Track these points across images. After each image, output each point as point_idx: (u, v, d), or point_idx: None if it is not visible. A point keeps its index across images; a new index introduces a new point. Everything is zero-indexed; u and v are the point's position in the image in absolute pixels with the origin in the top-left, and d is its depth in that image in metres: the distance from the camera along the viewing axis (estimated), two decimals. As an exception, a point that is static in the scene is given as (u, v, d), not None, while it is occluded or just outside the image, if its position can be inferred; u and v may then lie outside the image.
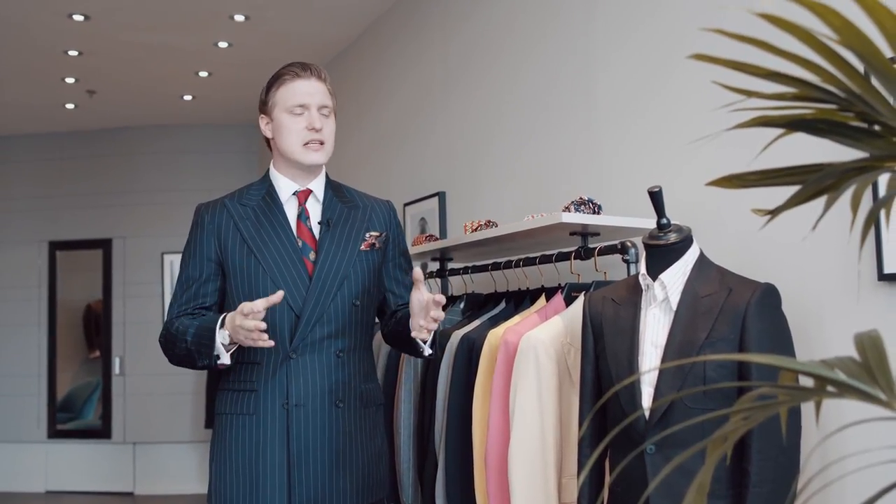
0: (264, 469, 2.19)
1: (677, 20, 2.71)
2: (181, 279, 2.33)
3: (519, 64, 3.63)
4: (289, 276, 2.23)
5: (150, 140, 7.80)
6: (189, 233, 2.37)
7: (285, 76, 2.35)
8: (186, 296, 2.30)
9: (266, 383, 2.22)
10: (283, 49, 5.76)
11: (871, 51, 0.70)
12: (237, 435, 2.23)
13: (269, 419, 2.21)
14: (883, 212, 0.72)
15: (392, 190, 4.86)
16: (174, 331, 2.24)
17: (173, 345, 2.25)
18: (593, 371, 2.11)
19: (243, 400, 2.24)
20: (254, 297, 2.17)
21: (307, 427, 2.20)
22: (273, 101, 2.34)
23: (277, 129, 2.33)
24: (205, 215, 2.34)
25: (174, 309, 2.30)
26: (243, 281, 2.26)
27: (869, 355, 0.72)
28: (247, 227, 2.29)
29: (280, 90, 2.33)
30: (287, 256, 2.25)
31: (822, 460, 2.07)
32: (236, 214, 2.31)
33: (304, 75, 2.33)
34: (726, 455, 0.96)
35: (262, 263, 2.24)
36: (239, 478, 2.21)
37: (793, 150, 1.35)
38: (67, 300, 7.87)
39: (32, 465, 7.61)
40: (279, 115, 2.32)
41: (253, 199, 2.35)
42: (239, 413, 2.23)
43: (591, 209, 2.54)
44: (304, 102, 2.30)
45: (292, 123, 2.30)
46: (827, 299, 2.15)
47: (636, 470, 1.89)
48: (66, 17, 5.00)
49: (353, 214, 2.37)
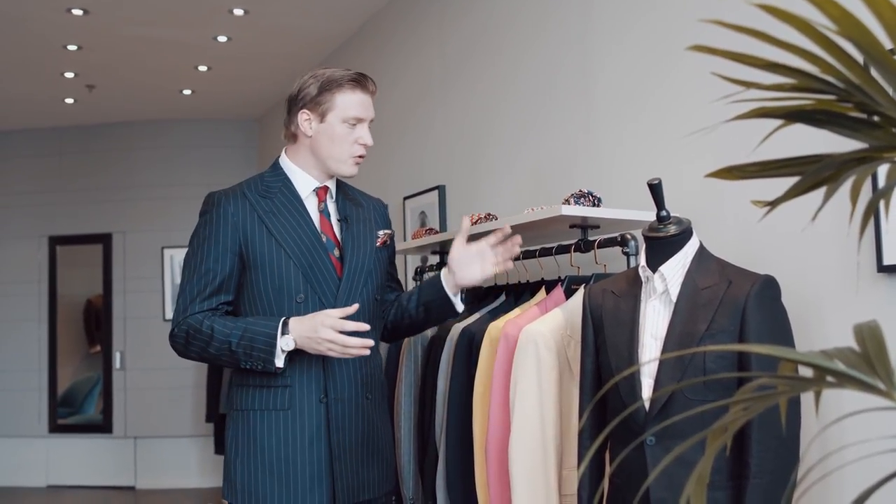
0: (304, 463, 2.20)
1: (676, 12, 2.70)
2: (199, 271, 2.24)
3: (518, 56, 3.63)
4: (318, 272, 2.25)
5: (150, 135, 7.79)
6: (202, 222, 2.29)
7: (345, 84, 2.27)
8: (210, 289, 2.23)
9: (301, 378, 2.23)
10: (282, 43, 5.76)
11: (869, 41, 0.70)
12: (269, 430, 2.21)
13: (306, 414, 2.22)
14: (882, 203, 0.72)
15: (392, 183, 4.86)
16: (207, 330, 2.18)
17: (206, 343, 2.19)
18: (593, 363, 2.11)
19: (275, 395, 2.23)
20: (284, 292, 2.22)
21: (345, 420, 2.25)
22: (329, 105, 2.26)
23: (326, 134, 2.28)
24: (225, 206, 2.26)
25: (195, 305, 2.22)
26: (272, 275, 2.23)
27: (868, 346, 0.73)
28: (272, 221, 2.26)
29: (338, 97, 2.26)
30: (315, 252, 2.26)
31: (822, 450, 2.07)
32: (259, 207, 2.27)
33: (364, 87, 2.30)
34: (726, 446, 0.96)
35: (292, 258, 2.24)
36: (273, 473, 2.20)
37: (792, 141, 1.35)
38: (68, 295, 7.87)
39: (33, 459, 7.62)
40: (333, 122, 2.27)
41: (271, 191, 2.31)
42: (271, 409, 2.22)
43: (591, 202, 2.55)
44: (362, 117, 2.29)
45: (346, 134, 2.28)
46: (826, 291, 2.15)
47: (636, 461, 1.89)
48: (65, 12, 5.00)
49: (361, 212, 2.42)
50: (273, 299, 2.24)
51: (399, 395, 3.05)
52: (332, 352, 2.11)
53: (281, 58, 6.07)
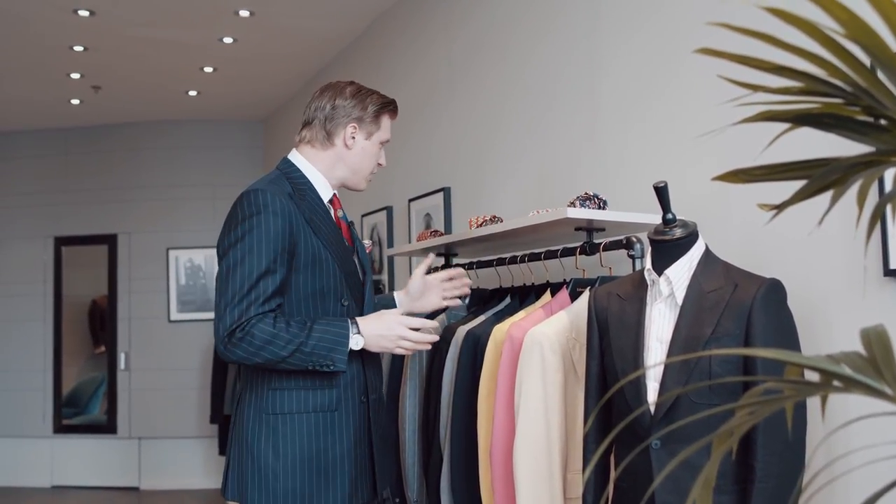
0: (350, 461, 2.28)
1: (683, 14, 2.70)
2: (256, 269, 2.13)
3: (524, 59, 3.63)
4: (352, 276, 2.36)
5: (156, 135, 7.80)
6: (256, 222, 2.16)
7: (391, 111, 2.45)
8: (273, 289, 2.14)
9: (345, 379, 2.29)
10: (287, 45, 5.76)
11: (877, 44, 0.70)
12: (316, 432, 2.24)
13: (352, 413, 2.30)
14: (889, 206, 0.72)
15: (397, 185, 4.87)
16: (278, 331, 2.11)
17: (275, 347, 2.12)
18: (598, 366, 2.11)
19: (322, 397, 2.26)
20: (330, 295, 2.29)
21: (379, 417, 2.40)
22: (378, 126, 2.41)
23: (364, 151, 2.40)
24: (279, 205, 2.19)
25: (254, 307, 2.11)
26: (317, 278, 2.26)
27: (875, 350, 0.72)
28: (315, 224, 2.28)
29: (384, 120, 2.42)
30: (346, 255, 2.36)
31: (828, 455, 2.06)
32: (302, 208, 2.26)
33: (396, 115, 2.48)
34: (732, 450, 0.96)
35: (336, 261, 2.30)
36: (323, 474, 2.24)
37: (799, 144, 1.35)
38: (73, 296, 7.89)
39: (38, 459, 7.63)
40: (375, 142, 2.42)
41: (305, 194, 2.30)
42: (316, 410, 2.25)
43: (597, 204, 2.54)
44: (389, 140, 2.45)
45: (376, 155, 2.44)
46: (833, 294, 2.15)
47: (641, 465, 1.89)
48: (72, 13, 5.01)
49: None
50: (319, 302, 2.26)
51: (404, 398, 3.04)
52: (401, 349, 2.27)
53: (286, 59, 6.07)
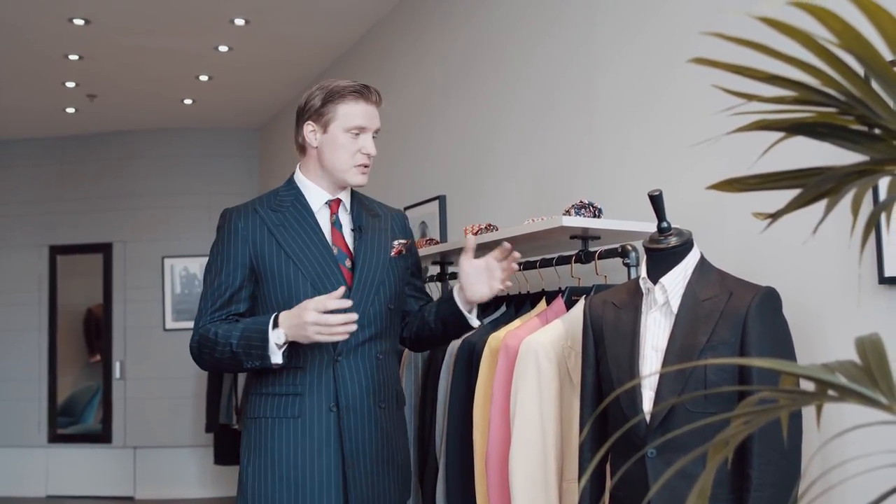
0: (313, 471, 2.22)
1: (677, 24, 2.71)
2: (213, 285, 2.32)
3: (520, 67, 3.64)
4: (328, 282, 2.28)
5: (151, 144, 7.80)
6: (217, 239, 2.37)
7: (348, 95, 2.32)
8: (221, 302, 2.30)
9: (311, 386, 2.26)
10: (283, 53, 5.77)
11: (871, 54, 0.70)
12: (280, 438, 2.24)
13: (316, 422, 2.25)
14: (883, 215, 0.72)
15: (392, 193, 4.87)
16: (212, 336, 2.24)
17: (211, 350, 2.25)
18: (594, 375, 2.11)
19: (286, 404, 2.26)
20: (292, 303, 2.23)
21: (357, 428, 2.26)
22: (331, 116, 2.32)
23: (329, 145, 2.34)
24: (237, 221, 2.34)
25: (206, 316, 2.30)
26: (281, 287, 2.29)
27: (870, 359, 0.72)
28: (282, 234, 2.31)
29: (341, 107, 2.32)
30: (325, 263, 2.30)
31: (824, 464, 2.06)
32: (269, 221, 2.33)
33: (367, 98, 2.35)
34: (727, 459, 0.95)
35: (301, 269, 2.28)
36: (283, 480, 2.22)
37: (793, 153, 1.35)
38: (68, 304, 7.87)
39: (33, 469, 7.60)
40: (335, 132, 2.33)
41: (283, 205, 2.36)
42: (282, 417, 2.25)
43: (592, 213, 2.54)
44: (364, 125, 2.33)
45: (349, 144, 2.33)
46: (828, 303, 2.15)
47: (637, 474, 1.89)
48: (67, 21, 5.01)
49: (378, 223, 2.45)
50: (285, 309, 2.26)
51: (399, 406, 3.04)
52: (321, 335, 2.10)
53: (282, 67, 6.08)
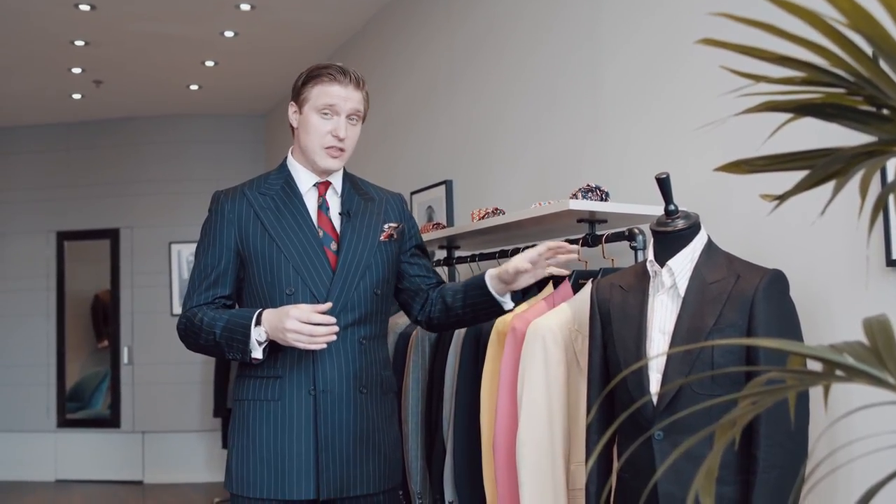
0: (290, 453, 2.23)
1: (685, 5, 2.70)
2: (199, 266, 2.34)
3: (526, 51, 3.62)
4: (311, 265, 2.28)
5: (157, 130, 7.80)
6: (206, 220, 2.38)
7: (323, 76, 2.31)
8: (206, 283, 2.32)
9: (291, 370, 2.25)
10: (288, 38, 5.76)
11: (879, 34, 0.69)
12: (261, 421, 2.25)
13: (295, 405, 2.24)
14: (891, 197, 0.72)
15: (399, 178, 4.86)
16: (198, 322, 2.26)
17: (196, 335, 2.27)
18: (601, 358, 2.11)
19: (267, 386, 2.26)
20: (276, 285, 2.24)
21: (334, 412, 2.24)
22: (306, 96, 2.33)
23: (303, 125, 2.34)
24: (224, 204, 2.35)
25: (193, 298, 2.32)
26: (265, 269, 2.29)
27: (877, 340, 0.72)
28: (267, 217, 2.31)
29: (315, 88, 2.31)
30: (309, 246, 2.29)
31: (830, 445, 2.07)
32: (256, 203, 2.34)
33: (342, 80, 2.32)
34: (734, 440, 0.96)
35: (283, 252, 2.27)
36: (264, 463, 2.23)
37: (801, 134, 1.35)
38: (76, 290, 7.90)
39: (42, 454, 7.65)
40: (308, 112, 2.33)
41: (272, 189, 2.37)
42: (262, 399, 2.26)
43: (599, 196, 2.54)
44: (334, 104, 2.30)
45: (319, 125, 2.31)
46: (835, 285, 2.15)
47: (644, 456, 1.89)
48: (73, 7, 5.00)
49: (370, 206, 2.42)
50: (267, 293, 2.28)
51: (406, 390, 3.05)
52: (299, 342, 2.10)
53: (288, 53, 6.06)
